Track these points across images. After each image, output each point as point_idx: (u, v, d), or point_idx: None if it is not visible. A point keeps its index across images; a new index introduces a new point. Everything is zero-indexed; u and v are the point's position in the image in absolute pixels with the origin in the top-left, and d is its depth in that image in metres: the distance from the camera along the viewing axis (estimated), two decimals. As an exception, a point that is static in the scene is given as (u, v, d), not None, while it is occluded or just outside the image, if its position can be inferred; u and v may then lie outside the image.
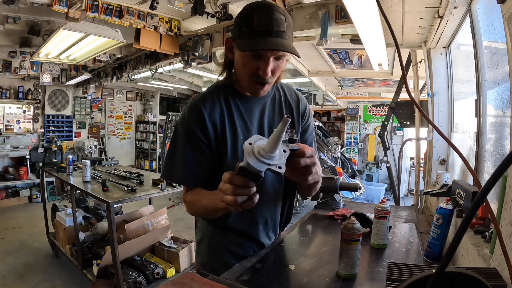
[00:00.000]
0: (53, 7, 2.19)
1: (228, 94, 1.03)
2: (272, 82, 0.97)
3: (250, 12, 0.88)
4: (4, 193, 5.53)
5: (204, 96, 1.01)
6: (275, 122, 1.06)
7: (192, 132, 0.97)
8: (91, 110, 7.59)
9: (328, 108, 9.75)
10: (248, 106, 1.04)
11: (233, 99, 1.03)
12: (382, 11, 0.85)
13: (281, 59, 0.92)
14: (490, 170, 1.48)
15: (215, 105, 0.99)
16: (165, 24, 2.87)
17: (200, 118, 0.97)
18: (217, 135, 0.99)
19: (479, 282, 0.48)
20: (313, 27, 2.24)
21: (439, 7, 1.65)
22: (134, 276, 2.43)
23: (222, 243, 1.10)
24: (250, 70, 0.92)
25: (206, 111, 0.97)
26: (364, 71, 4.49)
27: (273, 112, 1.08)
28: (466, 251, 1.05)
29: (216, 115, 0.99)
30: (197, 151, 0.98)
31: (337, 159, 5.80)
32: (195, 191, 1.00)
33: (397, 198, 3.26)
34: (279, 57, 0.91)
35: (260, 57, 0.89)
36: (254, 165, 0.67)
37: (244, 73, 0.94)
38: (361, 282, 0.93)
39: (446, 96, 2.11)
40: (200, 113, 0.97)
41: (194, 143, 0.98)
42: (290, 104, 1.12)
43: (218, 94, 1.02)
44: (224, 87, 1.04)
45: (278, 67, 0.93)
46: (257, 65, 0.90)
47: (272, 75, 0.94)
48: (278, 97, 1.11)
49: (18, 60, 4.21)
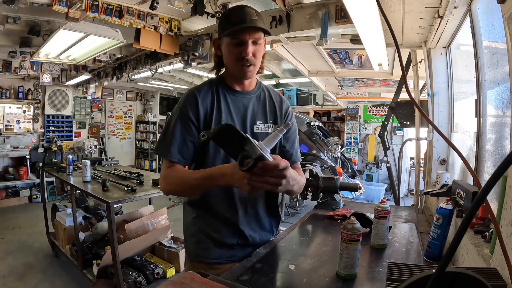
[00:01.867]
0: (53, 7, 2.19)
1: (220, 86, 1.18)
2: (256, 65, 1.13)
3: (227, 13, 1.12)
4: (4, 193, 5.53)
5: (200, 86, 1.19)
6: (258, 116, 1.21)
7: (186, 113, 1.12)
8: (91, 110, 7.58)
9: (328, 108, 9.76)
10: (234, 99, 1.19)
11: (223, 91, 1.18)
12: (382, 11, 0.85)
13: (259, 43, 1.11)
14: (490, 170, 1.48)
15: (208, 93, 1.15)
16: (165, 24, 2.86)
17: (195, 102, 1.12)
18: (206, 119, 1.13)
19: (479, 282, 0.48)
20: (313, 27, 2.24)
21: (439, 7, 1.65)
22: (134, 276, 2.43)
23: (203, 229, 1.17)
24: (235, 55, 1.09)
25: (200, 97, 1.13)
26: (364, 71, 4.49)
27: (257, 108, 1.22)
28: (466, 251, 1.05)
29: (208, 101, 1.14)
30: (187, 132, 1.11)
31: (337, 159, 5.79)
32: (179, 168, 1.11)
33: (397, 198, 3.26)
34: (256, 41, 1.09)
35: (241, 43, 1.08)
36: (267, 156, 0.82)
37: (231, 60, 1.12)
38: (361, 282, 0.93)
39: (446, 96, 2.11)
40: (195, 98, 1.13)
41: (186, 123, 1.11)
42: (274, 103, 1.26)
43: (211, 85, 1.18)
44: (216, 81, 1.20)
45: (258, 50, 1.11)
46: (239, 50, 1.09)
47: (254, 58, 1.11)
48: (263, 96, 1.25)
49: (18, 60, 4.21)
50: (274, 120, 1.24)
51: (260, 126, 1.20)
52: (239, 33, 1.07)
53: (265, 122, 1.22)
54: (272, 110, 1.24)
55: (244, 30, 1.06)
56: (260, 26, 1.08)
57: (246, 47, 1.07)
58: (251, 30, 1.07)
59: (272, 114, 1.24)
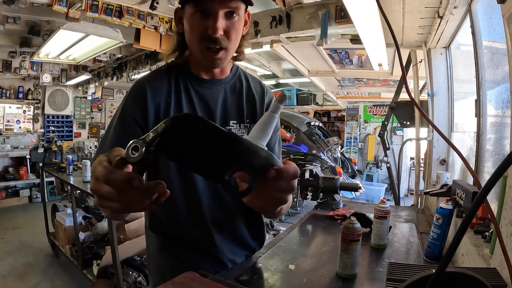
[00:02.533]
0: (53, 7, 2.19)
1: (180, 75, 0.90)
2: (229, 48, 0.82)
3: None
4: (4, 193, 5.53)
5: (151, 74, 0.92)
6: (231, 114, 0.92)
7: (128, 111, 0.85)
8: (91, 110, 7.58)
9: (328, 108, 9.75)
10: (200, 90, 0.90)
11: (184, 81, 0.89)
12: (382, 11, 0.85)
13: (234, 16, 0.79)
14: (490, 170, 1.48)
15: (162, 84, 0.88)
16: (165, 24, 2.86)
17: (142, 96, 0.85)
18: (158, 117, 0.85)
19: (479, 282, 0.48)
20: (313, 27, 2.24)
21: (439, 7, 1.65)
22: (134, 276, 2.43)
23: (173, 263, 0.92)
24: (199, 32, 0.79)
25: (150, 89, 0.85)
26: (364, 71, 4.49)
27: (231, 103, 0.93)
28: (466, 251, 1.05)
29: (162, 95, 0.86)
30: (129, 135, 0.69)
31: (337, 159, 5.79)
32: None
33: (397, 198, 3.26)
34: (231, 12, 0.78)
35: (208, 14, 0.77)
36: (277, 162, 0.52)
37: (194, 39, 0.82)
38: (361, 282, 0.93)
39: (446, 96, 2.11)
40: (143, 91, 0.85)
41: (128, 125, 0.84)
42: (254, 95, 0.96)
43: (168, 73, 0.90)
44: (176, 67, 0.91)
45: (232, 26, 0.80)
46: (205, 25, 0.78)
47: (227, 37, 0.80)
48: (239, 86, 0.95)
49: (18, 60, 4.21)
50: (253, 119, 0.94)
51: (234, 127, 0.92)
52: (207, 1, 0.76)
53: (241, 122, 0.93)
54: (250, 105, 0.95)
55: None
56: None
57: (215, 20, 0.77)
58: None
59: (250, 110, 0.95)
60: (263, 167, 0.46)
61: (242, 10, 0.81)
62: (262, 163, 0.46)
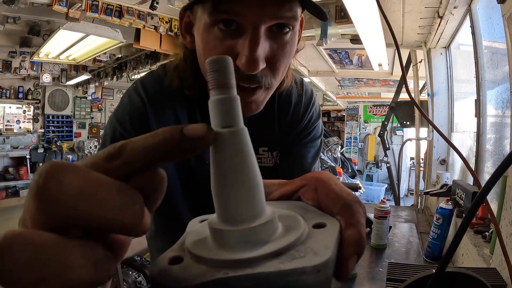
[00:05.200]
0: (53, 7, 2.19)
1: (193, 107, 0.63)
2: (273, 85, 0.51)
3: None
4: (4, 193, 5.53)
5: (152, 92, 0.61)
6: (259, 139, 0.66)
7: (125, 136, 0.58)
8: (91, 110, 7.58)
9: (328, 108, 9.75)
10: None
11: (200, 107, 0.62)
12: (382, 11, 0.85)
13: (287, 31, 0.47)
14: (490, 170, 1.48)
15: (168, 107, 0.61)
16: (165, 24, 2.86)
17: (141, 122, 0.59)
18: None
19: (479, 282, 0.48)
20: (313, 27, 2.24)
21: (439, 7, 1.65)
22: (134, 276, 2.43)
23: None
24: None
25: (153, 114, 0.60)
26: (364, 71, 4.49)
27: (257, 123, 0.61)
28: (466, 251, 1.05)
29: (168, 123, 0.60)
30: None
31: (337, 159, 5.80)
32: None
33: (397, 198, 3.26)
34: (281, 25, 0.46)
35: (239, 30, 0.45)
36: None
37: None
38: (361, 282, 0.93)
39: (446, 96, 2.12)
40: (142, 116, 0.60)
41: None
42: (292, 109, 0.68)
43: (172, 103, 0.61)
44: (180, 97, 0.61)
45: (282, 50, 0.48)
46: (233, 48, 0.46)
47: (271, 70, 0.49)
48: (271, 100, 0.62)
49: (18, 60, 4.21)
50: (272, 144, 0.67)
51: (264, 156, 0.67)
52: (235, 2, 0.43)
53: (273, 150, 0.67)
54: (284, 120, 0.67)
55: None
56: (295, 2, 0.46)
57: (252, 44, 0.44)
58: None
59: (283, 126, 0.68)
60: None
61: (298, 21, 0.49)
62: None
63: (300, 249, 0.19)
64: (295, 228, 0.20)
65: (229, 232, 0.19)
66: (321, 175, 0.26)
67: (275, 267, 0.17)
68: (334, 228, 0.21)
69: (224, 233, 0.19)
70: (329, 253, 0.18)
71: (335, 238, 0.20)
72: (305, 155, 0.69)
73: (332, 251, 0.18)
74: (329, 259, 0.18)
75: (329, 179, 0.26)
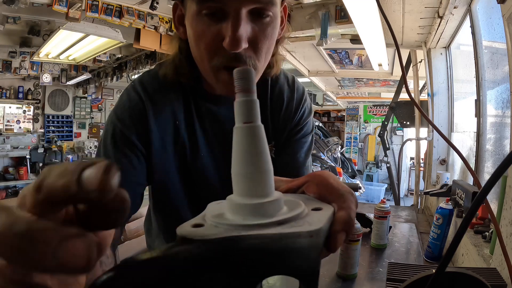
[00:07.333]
0: (53, 7, 2.19)
1: (188, 90, 0.65)
2: (258, 67, 0.55)
3: None
4: (4, 193, 5.52)
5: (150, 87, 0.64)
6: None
7: (125, 133, 0.61)
8: (91, 110, 7.58)
9: (328, 108, 9.76)
10: (213, 108, 0.66)
11: (194, 98, 0.65)
12: (382, 11, 0.85)
13: (265, 17, 0.52)
14: (490, 170, 1.48)
15: (165, 101, 0.64)
16: (165, 24, 2.86)
17: (141, 117, 0.62)
18: (164, 145, 0.64)
19: (479, 282, 0.48)
20: (313, 27, 2.24)
21: (439, 7, 1.65)
22: (134, 276, 2.43)
23: None
24: (208, 44, 0.52)
25: (151, 109, 0.63)
26: (364, 71, 4.49)
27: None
28: (466, 251, 1.05)
29: (167, 117, 0.64)
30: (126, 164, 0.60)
31: (337, 159, 5.80)
32: None
33: (397, 198, 3.26)
34: (260, 10, 0.51)
35: (222, 14, 0.50)
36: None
37: (202, 52, 0.54)
38: (361, 282, 0.93)
39: (446, 96, 2.12)
40: (141, 111, 0.62)
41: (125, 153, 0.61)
42: (281, 103, 0.71)
43: (173, 88, 0.65)
44: (179, 82, 0.65)
45: (263, 32, 0.52)
46: (219, 32, 0.51)
47: (254, 51, 0.53)
48: (263, 94, 0.70)
49: (18, 60, 4.22)
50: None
51: None
52: None
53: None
54: (277, 116, 0.71)
55: None
56: None
57: (234, 25, 0.49)
58: None
59: (277, 122, 0.71)
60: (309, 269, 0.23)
61: (277, 6, 0.53)
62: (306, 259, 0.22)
63: (299, 222, 0.24)
64: (296, 209, 0.26)
65: (244, 205, 0.24)
66: (323, 173, 0.32)
67: (277, 230, 0.22)
68: (329, 211, 0.27)
69: (240, 206, 0.24)
70: (321, 224, 0.23)
71: (328, 217, 0.25)
72: (298, 150, 0.73)
73: (324, 224, 0.24)
74: (321, 228, 0.23)
75: (329, 176, 0.31)
